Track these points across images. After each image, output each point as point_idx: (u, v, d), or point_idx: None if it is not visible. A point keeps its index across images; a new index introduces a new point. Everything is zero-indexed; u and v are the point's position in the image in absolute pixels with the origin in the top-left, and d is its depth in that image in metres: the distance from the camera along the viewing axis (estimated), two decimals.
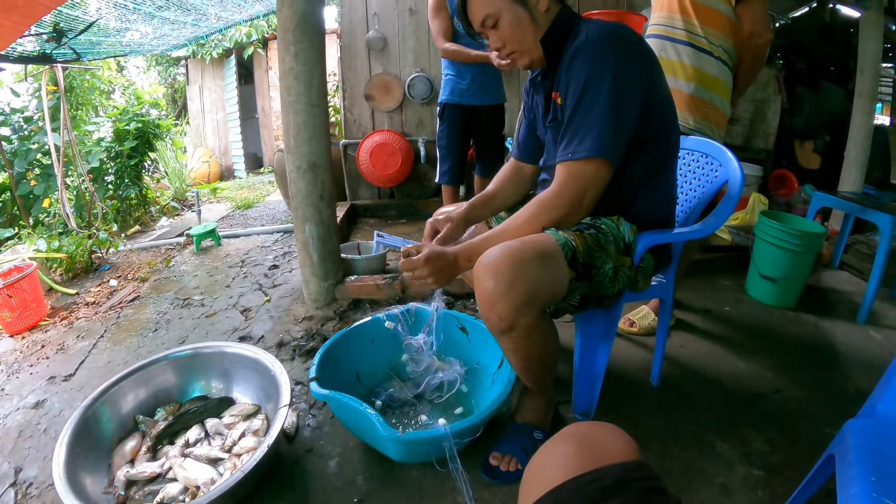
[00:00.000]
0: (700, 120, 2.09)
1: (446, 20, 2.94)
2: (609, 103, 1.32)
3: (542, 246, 1.30)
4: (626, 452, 0.64)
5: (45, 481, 1.62)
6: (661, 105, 1.46)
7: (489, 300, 1.27)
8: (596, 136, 1.32)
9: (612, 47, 1.34)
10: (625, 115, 1.34)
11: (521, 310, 1.27)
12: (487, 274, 1.26)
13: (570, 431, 0.70)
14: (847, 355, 2.14)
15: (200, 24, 4.91)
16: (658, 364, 1.91)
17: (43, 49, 3.37)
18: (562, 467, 0.63)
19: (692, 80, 2.07)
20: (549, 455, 0.68)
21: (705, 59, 2.06)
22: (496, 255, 1.27)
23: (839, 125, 4.29)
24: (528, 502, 0.63)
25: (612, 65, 1.32)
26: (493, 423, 1.60)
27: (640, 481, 0.59)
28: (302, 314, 2.62)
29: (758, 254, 2.63)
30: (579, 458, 0.63)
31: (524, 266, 1.25)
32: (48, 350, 2.51)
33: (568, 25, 1.45)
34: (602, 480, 0.59)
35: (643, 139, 1.43)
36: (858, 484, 0.89)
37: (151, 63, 9.90)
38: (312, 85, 2.39)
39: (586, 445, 0.65)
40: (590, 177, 1.36)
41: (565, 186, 1.37)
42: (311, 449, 1.66)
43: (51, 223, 4.32)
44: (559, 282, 1.32)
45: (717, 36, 2.04)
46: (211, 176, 8.85)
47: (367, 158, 4.43)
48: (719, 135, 2.13)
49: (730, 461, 1.55)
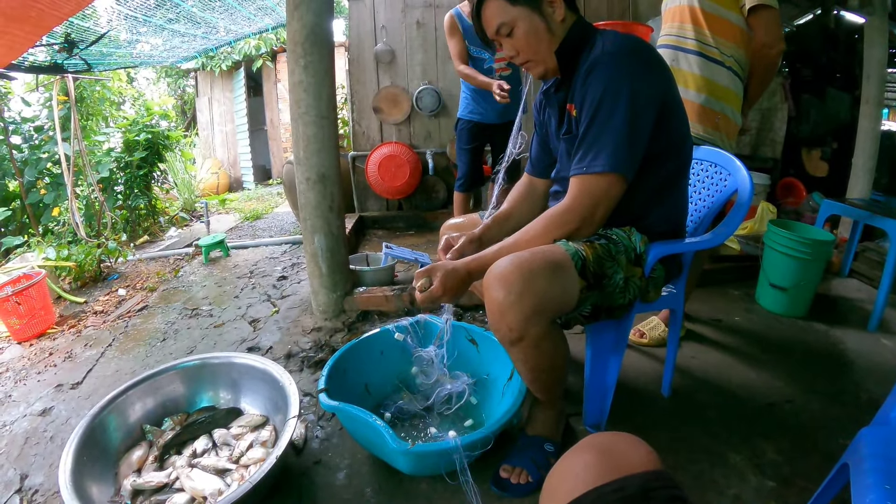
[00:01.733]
0: (711, 130, 2.09)
1: (460, 42, 3.03)
2: (625, 118, 1.31)
3: (552, 256, 1.30)
4: (646, 462, 0.63)
5: (50, 489, 1.63)
6: (675, 118, 1.45)
7: (499, 310, 1.27)
8: (612, 150, 1.32)
9: (629, 61, 1.34)
10: (640, 130, 1.34)
11: (531, 320, 1.26)
12: (497, 284, 1.26)
13: (590, 441, 0.69)
14: (859, 364, 2.12)
15: (210, 36, 4.95)
16: (669, 375, 1.90)
17: (54, 59, 3.40)
18: (582, 477, 0.62)
19: (703, 91, 2.07)
20: (569, 465, 0.67)
21: (716, 69, 2.05)
22: (506, 266, 1.26)
23: (846, 132, 4.28)
24: None
25: (628, 79, 1.32)
26: (504, 436, 1.59)
27: (662, 490, 0.59)
28: (310, 325, 2.62)
29: (767, 263, 2.62)
30: (600, 469, 0.62)
31: (534, 276, 1.24)
32: (56, 358, 2.52)
33: (583, 37, 1.44)
34: (623, 490, 0.59)
35: (657, 152, 1.42)
36: (874, 493, 0.88)
37: (161, 75, 10.02)
38: (322, 97, 2.40)
39: (607, 455, 0.64)
40: (603, 191, 1.35)
41: (578, 201, 1.37)
42: (320, 461, 1.65)
43: (60, 232, 4.35)
44: (569, 292, 1.31)
45: (729, 46, 2.03)
46: (220, 187, 8.90)
47: (376, 170, 4.46)
48: (730, 145, 2.12)
49: (742, 472, 1.53)
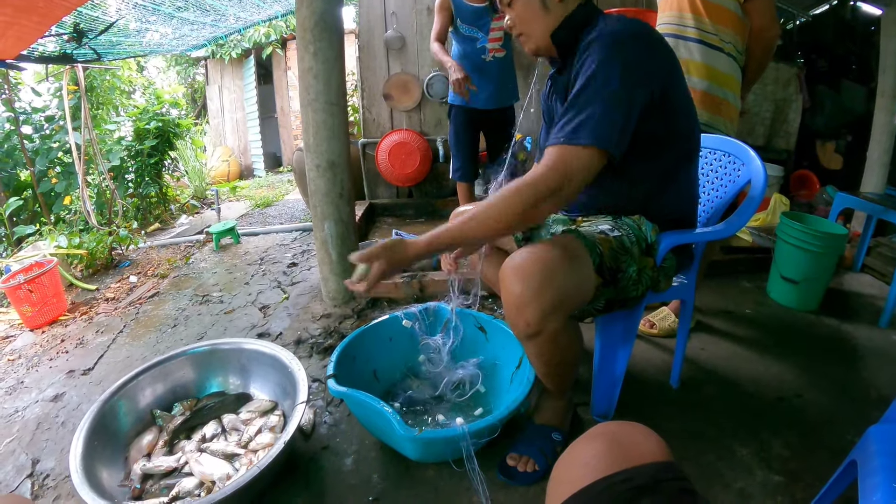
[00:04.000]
0: (714, 115, 2.11)
1: (445, 21, 2.95)
2: (615, 93, 1.24)
3: (570, 251, 1.27)
4: (657, 453, 0.63)
5: (61, 473, 1.65)
6: (681, 103, 1.42)
7: (516, 305, 1.23)
8: (596, 123, 1.23)
9: (626, 40, 1.28)
10: (630, 107, 1.26)
11: (549, 315, 1.23)
12: (515, 277, 1.22)
13: (600, 430, 0.69)
14: (869, 360, 2.10)
15: (219, 24, 4.95)
16: (678, 366, 1.89)
17: (63, 49, 3.40)
18: (592, 466, 0.62)
19: (705, 78, 2.09)
20: (578, 453, 0.67)
21: (716, 56, 2.08)
22: (524, 259, 1.23)
23: (861, 125, 4.22)
24: (556, 501, 0.62)
25: (622, 57, 1.26)
26: (511, 424, 1.58)
27: (672, 482, 0.59)
28: (320, 312, 2.63)
29: (779, 255, 2.59)
30: (610, 458, 0.62)
31: (553, 271, 1.21)
32: (68, 344, 2.54)
33: (587, 20, 1.41)
34: (633, 481, 0.58)
35: (661, 136, 1.39)
36: (881, 491, 0.87)
37: (171, 63, 10.04)
38: (331, 84, 2.39)
39: (617, 445, 0.64)
40: (582, 165, 1.24)
41: (553, 170, 1.24)
42: (328, 446, 1.66)
43: (72, 220, 4.38)
44: (586, 287, 1.29)
45: (728, 33, 2.06)
46: (230, 175, 8.93)
47: (386, 158, 4.43)
48: (732, 130, 2.15)
49: (749, 466, 1.52)
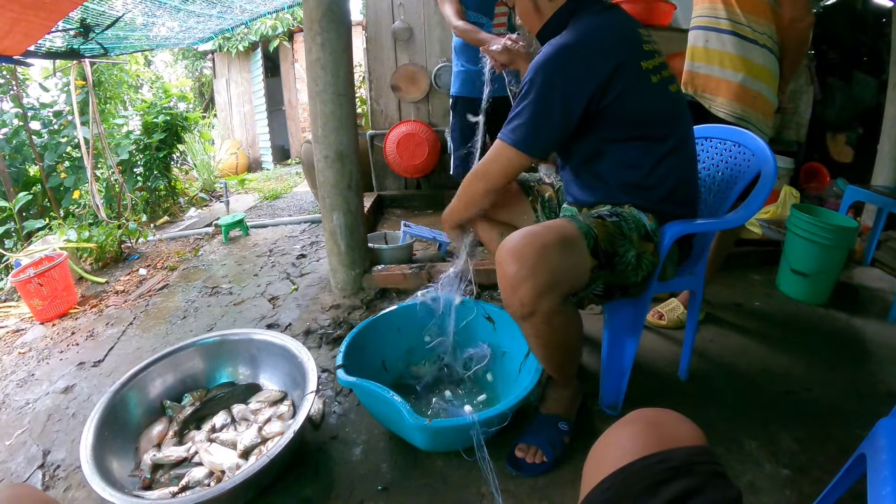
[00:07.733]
0: (747, 109, 2.05)
1: (455, 3, 2.79)
2: (534, 104, 1.40)
3: (563, 231, 1.31)
4: (692, 437, 0.65)
5: (72, 464, 1.66)
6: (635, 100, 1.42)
7: (511, 285, 1.28)
8: (517, 128, 1.44)
9: (558, 53, 1.38)
10: (548, 118, 1.41)
11: (543, 295, 1.27)
12: (510, 258, 1.27)
13: (637, 415, 0.71)
14: (879, 354, 2.08)
15: (226, 16, 4.94)
16: (687, 358, 1.88)
17: (70, 44, 3.40)
18: (629, 447, 0.64)
19: (740, 70, 2.04)
20: (617, 435, 0.69)
21: (750, 47, 2.03)
22: (519, 240, 1.28)
23: (872, 117, 4.18)
24: (594, 480, 0.64)
25: (548, 70, 1.38)
26: (519, 414, 1.58)
27: (706, 465, 0.61)
28: (329, 303, 2.64)
29: (789, 248, 2.57)
30: (647, 440, 0.64)
31: (547, 251, 1.26)
32: (78, 337, 2.56)
33: (564, 22, 1.49)
34: (669, 461, 0.60)
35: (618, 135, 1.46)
36: (890, 485, 0.86)
37: (178, 57, 10.06)
38: (339, 75, 2.39)
39: (654, 427, 0.66)
40: (505, 158, 1.49)
41: (487, 159, 1.54)
42: (337, 436, 1.67)
43: (81, 214, 4.40)
44: (581, 269, 1.32)
45: (761, 24, 2.01)
46: (239, 167, 8.95)
47: (394, 149, 4.42)
48: (766, 124, 2.09)
49: (757, 459, 1.52)
